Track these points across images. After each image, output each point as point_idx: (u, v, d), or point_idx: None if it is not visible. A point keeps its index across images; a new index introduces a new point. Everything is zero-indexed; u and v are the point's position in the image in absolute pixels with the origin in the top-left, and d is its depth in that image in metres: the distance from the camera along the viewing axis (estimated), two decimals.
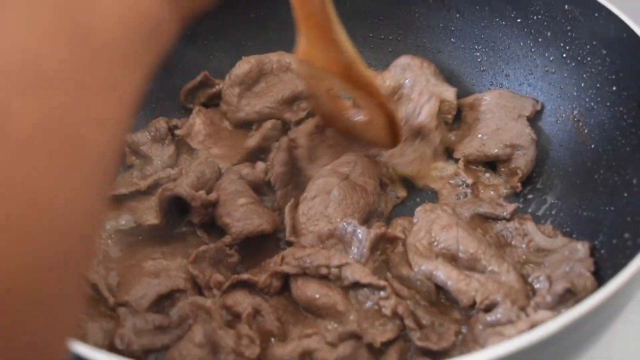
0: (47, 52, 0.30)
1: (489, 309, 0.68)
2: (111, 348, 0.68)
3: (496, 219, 0.80)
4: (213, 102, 0.99)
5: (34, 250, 0.28)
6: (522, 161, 0.86)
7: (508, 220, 0.79)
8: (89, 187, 0.32)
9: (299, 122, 0.95)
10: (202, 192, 0.79)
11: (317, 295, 0.70)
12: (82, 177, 0.31)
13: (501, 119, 0.89)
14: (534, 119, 0.90)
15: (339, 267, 0.70)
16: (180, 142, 0.92)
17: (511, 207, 0.80)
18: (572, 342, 0.53)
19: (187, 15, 0.45)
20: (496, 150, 0.87)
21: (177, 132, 0.92)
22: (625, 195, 0.73)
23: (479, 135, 0.89)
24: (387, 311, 0.68)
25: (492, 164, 0.89)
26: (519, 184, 0.85)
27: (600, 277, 0.68)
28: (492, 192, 0.87)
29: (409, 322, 0.67)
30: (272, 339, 0.69)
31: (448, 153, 0.91)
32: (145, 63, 0.38)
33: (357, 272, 0.69)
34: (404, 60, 0.97)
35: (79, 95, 0.31)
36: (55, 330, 0.32)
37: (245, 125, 0.96)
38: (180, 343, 0.66)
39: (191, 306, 0.72)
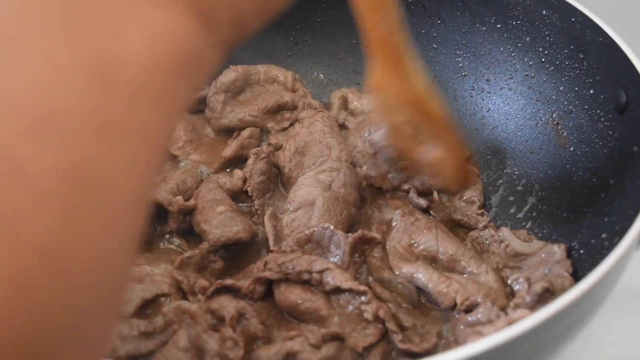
0: (65, 93, 0.27)
1: (469, 309, 0.69)
2: None
3: (469, 228, 0.82)
4: (198, 107, 0.99)
5: (51, 308, 0.26)
6: (476, 191, 0.87)
7: (482, 229, 0.81)
8: (114, 237, 0.29)
9: (282, 130, 0.96)
10: (179, 198, 0.79)
11: (300, 301, 0.71)
12: (105, 228, 0.28)
13: None
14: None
15: (320, 272, 0.71)
16: None
17: (485, 219, 0.82)
18: (548, 339, 0.54)
19: (229, 43, 0.39)
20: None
21: None
22: (603, 196, 0.74)
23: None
24: (368, 315, 0.69)
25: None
26: (482, 211, 0.84)
27: (579, 277, 0.70)
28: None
29: (390, 326, 0.68)
30: (257, 343, 0.69)
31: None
32: (179, 100, 0.34)
33: (338, 277, 0.70)
34: None
35: (102, 139, 0.28)
36: None
37: (228, 132, 0.96)
38: (165, 348, 0.66)
39: (176, 311, 0.72)
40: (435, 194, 0.87)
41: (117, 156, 0.29)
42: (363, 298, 0.70)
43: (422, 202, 0.85)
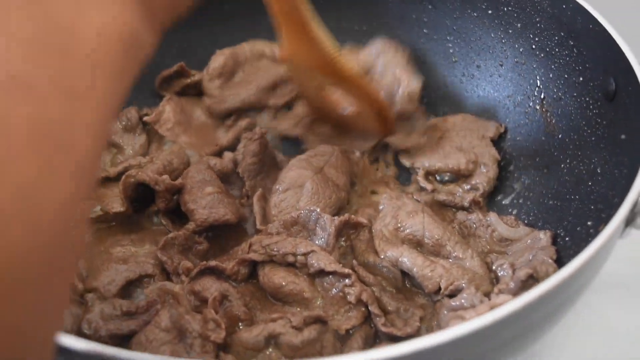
0: (29, 59, 0.32)
1: (453, 294, 0.69)
2: (79, 333, 0.69)
3: (455, 207, 0.81)
4: (187, 92, 0.99)
5: (22, 246, 0.30)
6: (485, 178, 0.86)
7: (467, 209, 0.80)
8: (76, 188, 0.33)
9: (286, 106, 0.97)
10: (165, 177, 0.79)
11: (284, 283, 0.71)
12: (70, 180, 0.33)
13: (465, 138, 0.89)
14: (502, 115, 0.92)
15: (305, 254, 0.71)
16: (151, 132, 0.92)
17: (469, 195, 0.81)
18: (530, 324, 0.54)
19: (163, 26, 0.46)
20: (460, 165, 0.86)
21: (146, 118, 0.92)
22: (590, 184, 0.74)
23: (441, 150, 0.88)
24: (351, 298, 0.69)
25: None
26: (480, 199, 0.83)
27: (563, 264, 0.69)
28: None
29: (373, 309, 0.68)
30: (239, 325, 0.69)
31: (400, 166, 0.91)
32: (127, 74, 0.39)
33: (323, 260, 0.70)
34: (379, 44, 0.97)
35: (64, 100, 0.33)
36: (44, 324, 0.34)
37: (226, 117, 0.96)
38: (146, 328, 0.66)
39: (159, 291, 0.72)
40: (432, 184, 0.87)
41: (78, 115, 0.33)
42: (347, 281, 0.70)
43: (429, 186, 0.85)
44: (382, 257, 0.73)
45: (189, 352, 0.64)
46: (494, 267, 0.72)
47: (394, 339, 0.67)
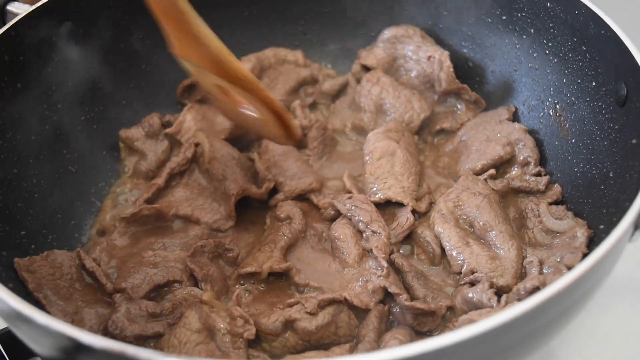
0: None
1: (473, 283, 0.73)
2: (105, 333, 0.71)
3: (530, 192, 0.83)
4: (209, 99, 1.01)
5: None
6: (527, 150, 0.87)
7: (544, 192, 0.82)
8: None
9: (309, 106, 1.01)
10: (267, 184, 0.86)
11: (343, 238, 0.78)
12: None
13: (485, 129, 0.91)
14: (516, 120, 0.92)
15: (374, 232, 0.77)
16: (173, 137, 0.95)
17: (544, 179, 0.83)
18: (538, 326, 0.55)
19: None
20: (499, 152, 0.87)
21: (167, 130, 0.94)
22: (602, 188, 0.75)
23: (474, 148, 0.89)
24: (370, 286, 0.74)
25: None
26: (539, 168, 0.85)
27: None
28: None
29: (393, 289, 0.72)
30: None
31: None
32: None
33: (379, 244, 0.76)
34: (389, 33, 1.00)
35: None
36: None
37: None
38: (176, 330, 0.68)
39: (187, 297, 0.74)
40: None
41: None
42: (378, 271, 0.74)
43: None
44: (430, 230, 0.79)
45: (221, 350, 0.66)
46: (524, 263, 0.75)
47: (413, 320, 0.71)
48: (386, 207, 0.83)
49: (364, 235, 0.78)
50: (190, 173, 0.91)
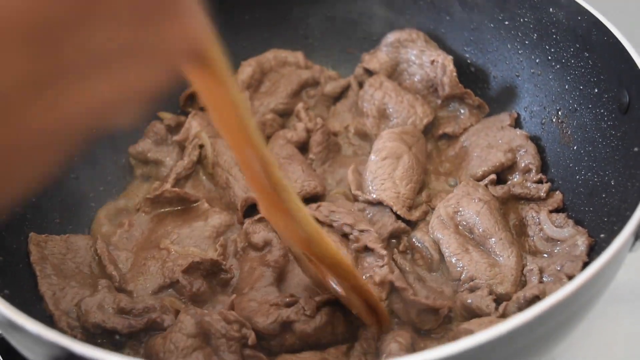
0: None
1: (473, 289, 0.73)
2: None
3: (531, 199, 0.82)
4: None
5: None
6: (529, 157, 0.86)
7: (545, 199, 0.82)
8: None
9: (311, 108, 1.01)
10: None
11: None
12: None
13: (487, 135, 0.90)
14: (518, 126, 0.92)
15: (362, 231, 0.77)
16: (181, 143, 0.94)
17: (545, 186, 0.82)
18: (538, 336, 0.54)
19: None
20: (500, 158, 0.86)
21: (175, 138, 0.93)
22: (604, 196, 0.75)
23: (475, 154, 0.89)
24: (377, 279, 0.74)
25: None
26: (540, 175, 0.85)
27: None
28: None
29: (400, 283, 0.72)
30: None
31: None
32: None
33: (371, 239, 0.76)
34: (393, 37, 0.99)
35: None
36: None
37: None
38: (170, 334, 0.67)
39: (171, 303, 0.74)
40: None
41: None
42: (379, 262, 0.75)
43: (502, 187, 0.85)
44: (429, 235, 0.79)
45: (217, 354, 0.66)
46: (524, 271, 0.75)
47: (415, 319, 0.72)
48: (377, 208, 0.83)
49: (351, 237, 0.78)
50: (196, 175, 0.91)
